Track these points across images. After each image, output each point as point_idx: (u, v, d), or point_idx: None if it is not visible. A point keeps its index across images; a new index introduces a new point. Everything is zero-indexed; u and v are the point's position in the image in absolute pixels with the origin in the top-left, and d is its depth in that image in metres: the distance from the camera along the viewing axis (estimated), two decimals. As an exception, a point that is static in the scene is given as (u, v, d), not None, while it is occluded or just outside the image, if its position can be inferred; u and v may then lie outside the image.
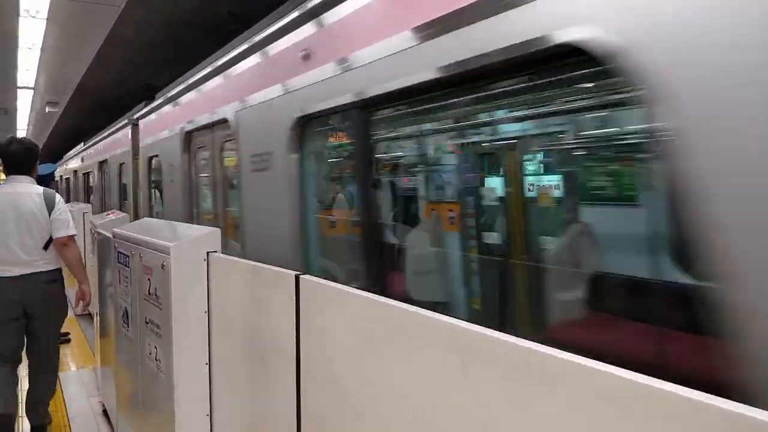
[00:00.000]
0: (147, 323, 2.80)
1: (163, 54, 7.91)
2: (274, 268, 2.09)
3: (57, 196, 3.90)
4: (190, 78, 4.89)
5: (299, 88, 2.83)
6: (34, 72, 10.10)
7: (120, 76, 9.61)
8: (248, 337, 2.26)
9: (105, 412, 4.26)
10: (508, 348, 1.11)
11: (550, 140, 2.59)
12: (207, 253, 2.54)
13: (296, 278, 1.86)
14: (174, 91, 5.38)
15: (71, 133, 17.25)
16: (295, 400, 1.87)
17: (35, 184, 3.88)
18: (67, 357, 5.82)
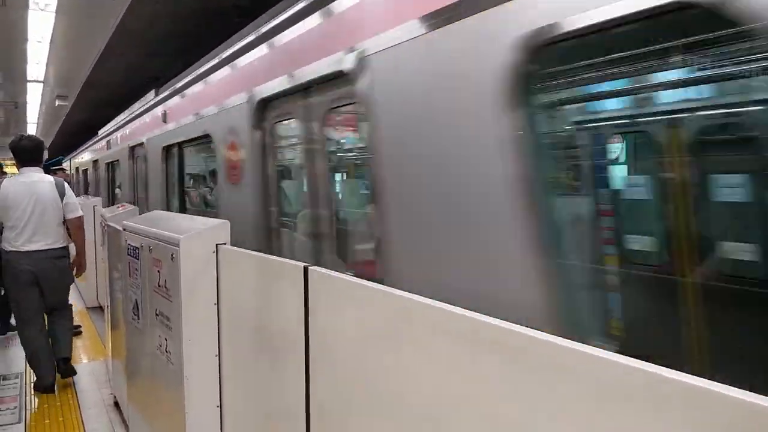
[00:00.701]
0: (157, 315, 2.81)
1: (172, 47, 7.92)
2: (283, 260, 2.09)
3: (65, 184, 4.69)
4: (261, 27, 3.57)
5: None
6: (44, 65, 10.15)
7: (129, 69, 9.63)
8: (257, 329, 2.26)
9: (116, 404, 4.29)
10: (517, 338, 1.11)
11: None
12: (216, 245, 2.54)
13: (305, 270, 1.86)
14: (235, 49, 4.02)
15: (81, 127, 17.34)
16: (304, 391, 1.88)
17: (45, 174, 4.64)
18: (78, 349, 5.87)
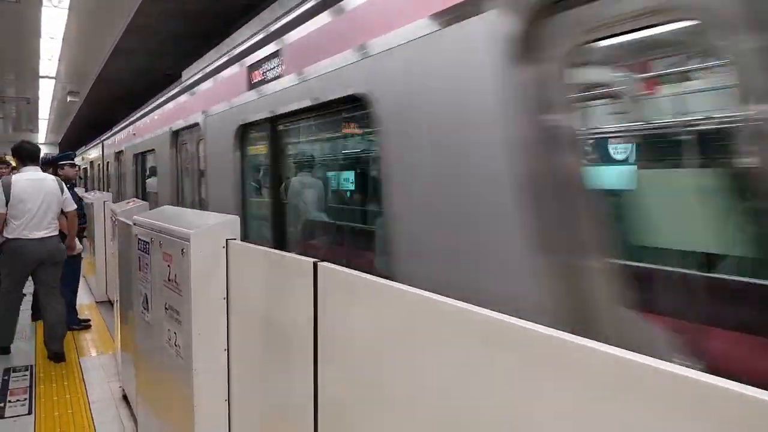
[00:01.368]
0: (166, 309, 2.83)
1: (182, 44, 7.95)
2: (293, 255, 2.10)
3: (62, 182, 5.58)
4: None
5: None
6: (56, 62, 10.23)
7: (139, 66, 9.69)
8: (266, 324, 2.28)
9: (125, 397, 4.33)
10: (528, 335, 1.11)
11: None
12: (226, 241, 2.56)
13: (314, 265, 1.87)
14: None
15: (91, 123, 17.45)
16: (313, 386, 1.88)
17: (40, 171, 5.50)
18: (88, 342, 5.92)
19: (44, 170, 5.78)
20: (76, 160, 7.57)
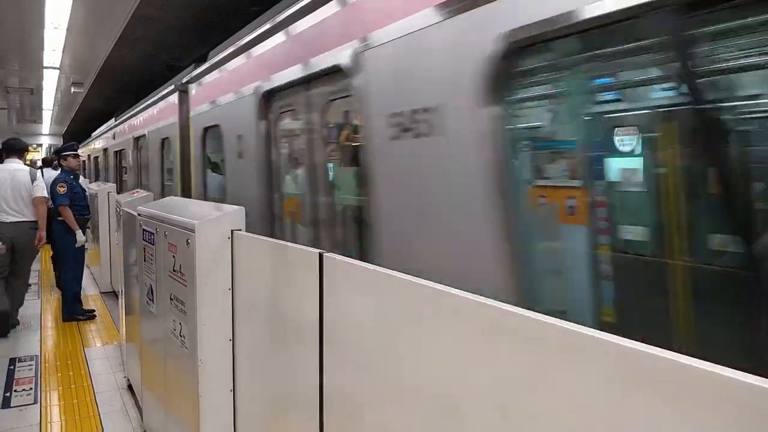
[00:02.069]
0: (171, 300, 2.84)
1: (186, 35, 7.93)
2: (298, 246, 2.09)
3: (37, 173, 6.22)
4: None
5: None
6: (60, 52, 10.21)
7: (143, 57, 9.67)
8: (271, 315, 2.28)
9: (130, 387, 4.35)
10: (538, 326, 1.10)
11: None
12: (231, 231, 2.55)
13: (320, 256, 1.87)
14: None
15: (95, 114, 17.46)
16: (318, 376, 1.88)
17: (24, 164, 6.26)
18: (92, 333, 5.95)
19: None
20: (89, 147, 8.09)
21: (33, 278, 5.60)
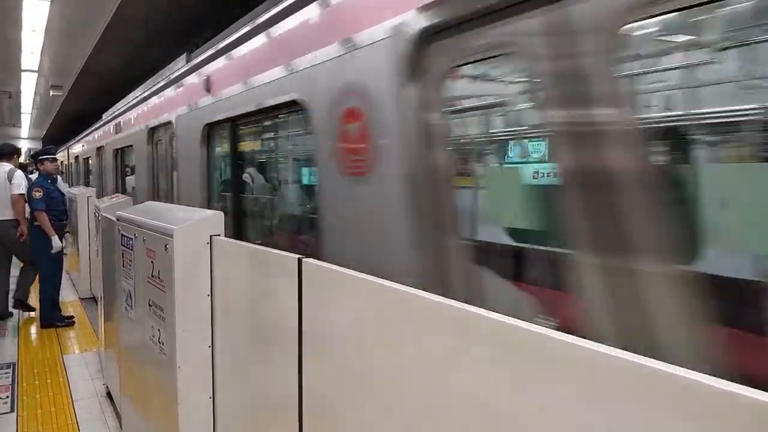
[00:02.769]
0: (150, 306, 2.80)
1: (167, 37, 7.87)
2: (277, 251, 2.09)
3: (17, 172, 6.52)
4: None
5: None
6: (38, 55, 10.08)
7: (124, 59, 9.58)
8: (251, 320, 2.26)
9: (109, 395, 4.29)
10: (508, 329, 1.11)
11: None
12: (210, 237, 2.53)
13: (299, 261, 1.86)
14: None
15: (75, 117, 17.24)
16: (297, 380, 1.88)
17: (9, 166, 6.52)
18: (71, 340, 5.86)
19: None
20: (76, 147, 8.45)
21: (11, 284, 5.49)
